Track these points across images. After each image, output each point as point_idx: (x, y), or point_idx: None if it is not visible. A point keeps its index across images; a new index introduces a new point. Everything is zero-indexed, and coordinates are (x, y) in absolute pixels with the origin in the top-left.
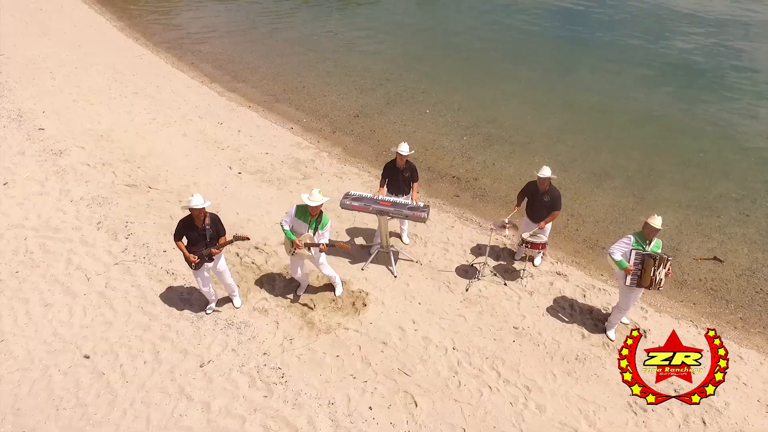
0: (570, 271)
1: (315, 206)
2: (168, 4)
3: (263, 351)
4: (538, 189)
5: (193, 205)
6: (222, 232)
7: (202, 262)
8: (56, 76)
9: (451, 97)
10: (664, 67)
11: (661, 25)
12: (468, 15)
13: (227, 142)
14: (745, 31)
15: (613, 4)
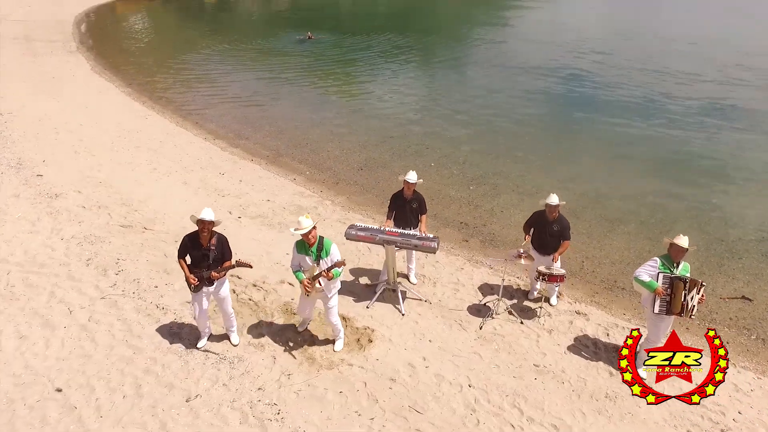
0: (590, 310)
1: (306, 233)
2: (177, 75)
3: (258, 386)
4: (546, 218)
5: (202, 217)
6: (228, 255)
7: (202, 284)
8: (60, 131)
9: (456, 152)
10: (672, 113)
11: (673, 71)
12: (469, 83)
13: (228, 190)
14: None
15: (618, 57)
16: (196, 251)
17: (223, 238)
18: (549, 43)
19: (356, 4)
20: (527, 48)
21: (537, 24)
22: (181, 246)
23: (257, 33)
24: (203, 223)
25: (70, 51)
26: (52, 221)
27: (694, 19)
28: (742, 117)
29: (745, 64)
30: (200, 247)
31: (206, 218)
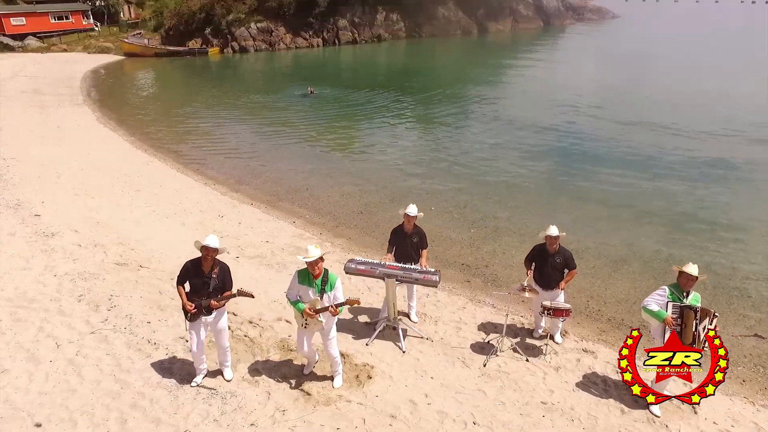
0: (597, 348)
1: (313, 261)
2: (180, 126)
3: (251, 422)
4: (547, 251)
5: (206, 243)
6: (229, 285)
7: (200, 313)
8: (62, 175)
9: (455, 198)
10: (667, 165)
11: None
12: (467, 136)
13: (227, 231)
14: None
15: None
16: (197, 278)
17: (225, 267)
18: (544, 100)
19: (357, 63)
20: (524, 104)
21: (532, 81)
22: (182, 271)
23: (260, 88)
24: (207, 250)
25: (76, 103)
26: (47, 258)
27: (685, 76)
28: (737, 167)
29: (736, 117)
30: (202, 275)
31: (211, 245)
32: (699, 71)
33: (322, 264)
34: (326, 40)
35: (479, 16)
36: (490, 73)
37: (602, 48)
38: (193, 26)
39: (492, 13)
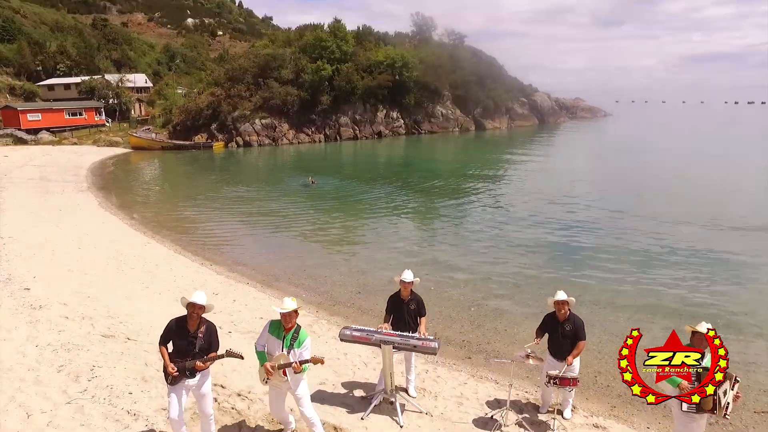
0: (609, 424)
1: (287, 313)
2: (181, 212)
3: None
4: (557, 319)
5: (193, 300)
6: (215, 346)
7: (182, 375)
8: (57, 253)
9: (455, 278)
10: (667, 249)
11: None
12: (466, 223)
13: (220, 307)
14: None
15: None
16: (182, 338)
17: (212, 327)
18: (541, 191)
19: (358, 156)
20: (521, 196)
21: (529, 174)
22: (166, 330)
23: (261, 178)
24: (193, 307)
25: (80, 190)
26: (30, 329)
27: (674, 168)
28: (729, 258)
29: (730, 206)
30: (187, 334)
31: (197, 301)
32: (686, 164)
33: (296, 318)
34: (328, 136)
35: (476, 114)
36: (488, 167)
37: (595, 143)
38: (199, 122)
39: (488, 111)
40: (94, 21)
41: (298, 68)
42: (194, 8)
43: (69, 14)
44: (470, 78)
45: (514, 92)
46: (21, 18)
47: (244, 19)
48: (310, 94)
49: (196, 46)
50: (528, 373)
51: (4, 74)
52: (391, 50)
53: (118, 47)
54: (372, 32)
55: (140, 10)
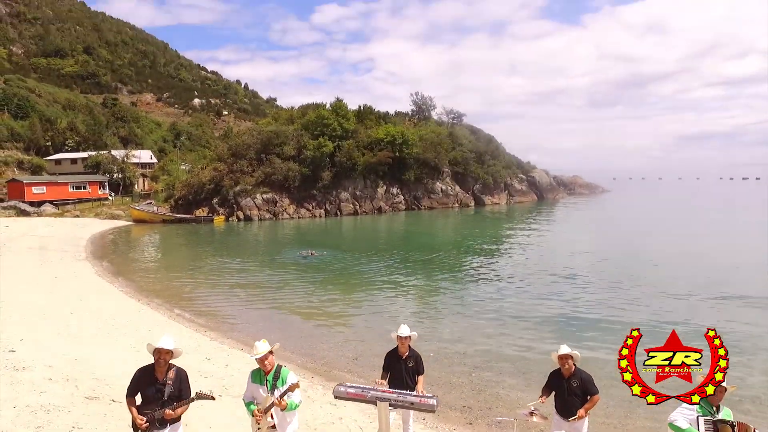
0: None
1: (262, 357)
2: (177, 281)
3: None
4: (562, 375)
5: (159, 345)
6: (186, 393)
7: (152, 426)
8: (48, 316)
9: (455, 345)
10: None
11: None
12: (465, 294)
13: (212, 372)
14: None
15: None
16: (150, 386)
17: (182, 373)
18: (541, 264)
19: (358, 230)
20: (521, 269)
21: (529, 247)
22: (132, 381)
23: (261, 249)
24: (159, 353)
25: (78, 259)
26: (10, 391)
27: (671, 242)
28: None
29: (729, 282)
30: (155, 382)
31: (164, 347)
32: (683, 238)
33: (273, 358)
34: (328, 211)
35: (476, 190)
36: (488, 240)
37: (594, 218)
38: (201, 196)
39: (488, 187)
40: (104, 100)
41: (300, 145)
42: (201, 89)
43: (82, 94)
44: (469, 155)
45: (512, 169)
46: (36, 97)
47: (249, 100)
48: (311, 170)
49: (202, 125)
50: (531, 425)
51: (14, 149)
52: (391, 128)
53: (126, 125)
54: (373, 111)
55: (150, 91)
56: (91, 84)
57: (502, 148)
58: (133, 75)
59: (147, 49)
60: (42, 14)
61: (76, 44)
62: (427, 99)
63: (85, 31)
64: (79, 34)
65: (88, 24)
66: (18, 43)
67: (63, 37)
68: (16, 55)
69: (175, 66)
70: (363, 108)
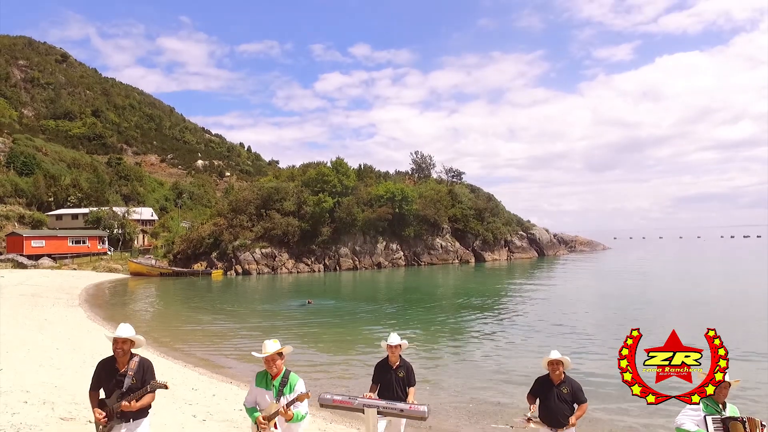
0: None
1: (269, 357)
2: (170, 327)
3: None
4: (551, 382)
5: (117, 335)
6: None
7: (111, 420)
8: (33, 352)
9: (452, 379)
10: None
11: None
12: (467, 348)
13: (197, 400)
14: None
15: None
16: (110, 378)
17: (146, 363)
18: (543, 319)
19: (357, 283)
20: (524, 324)
21: (530, 302)
22: (94, 374)
23: (258, 300)
24: (116, 342)
25: (71, 306)
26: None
27: (680, 286)
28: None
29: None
30: (115, 373)
31: (121, 335)
32: (688, 292)
33: (282, 362)
34: (327, 266)
35: (476, 246)
36: (489, 294)
37: (595, 274)
38: (200, 250)
39: (488, 243)
40: (109, 160)
41: (300, 200)
42: (205, 151)
43: (87, 154)
44: (469, 212)
45: (512, 225)
46: (42, 155)
47: (252, 162)
48: (310, 225)
49: (204, 185)
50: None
51: (16, 204)
52: (391, 185)
53: (129, 183)
54: (373, 170)
55: (154, 152)
56: (97, 145)
57: (501, 205)
58: (138, 137)
59: (153, 112)
60: (54, 79)
61: (85, 107)
62: (427, 158)
63: (94, 95)
64: (88, 98)
65: (97, 88)
66: (29, 106)
67: (73, 100)
68: (27, 117)
69: (180, 129)
70: (363, 167)
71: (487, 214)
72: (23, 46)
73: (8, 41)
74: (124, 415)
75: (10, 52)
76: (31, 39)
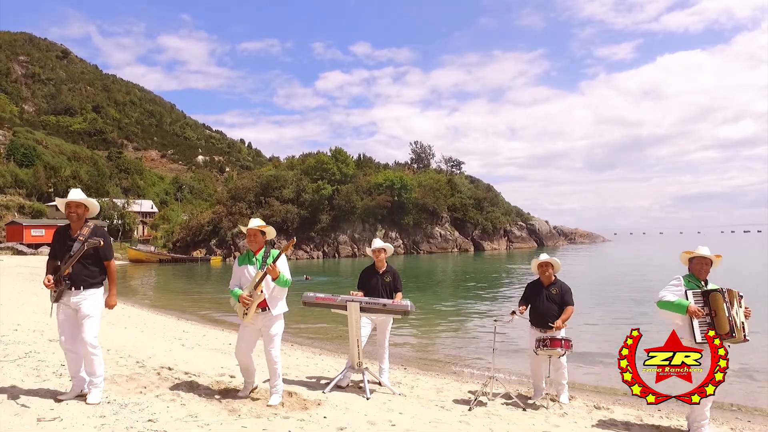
0: (613, 408)
1: (252, 231)
2: (166, 297)
3: (147, 418)
4: (541, 284)
5: (71, 198)
6: (105, 251)
7: (61, 286)
8: (26, 306)
9: (442, 351)
10: None
11: None
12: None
13: (188, 338)
14: None
15: None
16: (63, 244)
17: (99, 229)
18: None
19: (355, 265)
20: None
21: (528, 280)
22: (52, 242)
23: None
24: (70, 206)
25: None
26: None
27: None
28: None
29: None
30: (67, 238)
31: (75, 198)
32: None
33: (264, 239)
34: (326, 253)
35: (475, 236)
36: (490, 273)
37: (595, 258)
38: (199, 237)
39: (487, 233)
40: (109, 154)
41: (299, 188)
42: (206, 147)
43: (88, 149)
44: (468, 201)
45: (512, 216)
46: (42, 148)
47: (252, 158)
48: (309, 213)
49: (204, 180)
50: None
51: (16, 194)
52: (390, 173)
53: (129, 176)
54: (372, 161)
55: (155, 148)
56: (98, 140)
57: (501, 196)
58: (139, 132)
59: (154, 109)
60: (55, 75)
61: (86, 103)
62: (427, 148)
63: (95, 91)
64: (89, 93)
65: (98, 85)
66: (30, 101)
67: (73, 96)
68: (27, 113)
69: (181, 125)
70: (362, 157)
71: (487, 204)
72: (24, 42)
73: (9, 37)
74: (74, 282)
75: (10, 48)
76: (31, 35)
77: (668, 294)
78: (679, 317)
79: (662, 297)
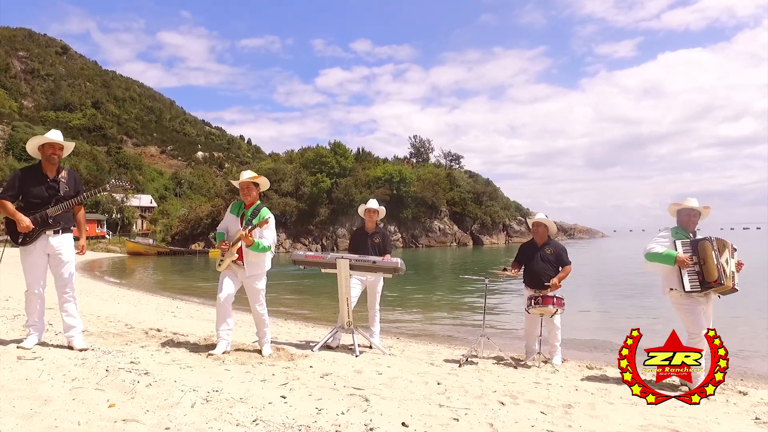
0: (606, 369)
1: (245, 184)
2: (163, 282)
3: (129, 360)
4: (534, 244)
5: (54, 138)
6: (82, 199)
7: (45, 226)
8: (21, 287)
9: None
10: None
11: None
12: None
13: (180, 313)
14: None
15: None
16: (39, 185)
17: (75, 174)
18: None
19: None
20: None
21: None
22: (15, 180)
23: None
24: (53, 147)
25: None
26: None
27: None
28: None
29: None
30: (45, 180)
31: (57, 138)
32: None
33: (257, 193)
34: (325, 246)
35: (474, 230)
36: (488, 268)
37: (595, 251)
38: (198, 230)
39: (486, 227)
40: (108, 149)
41: (298, 181)
42: (205, 143)
43: (87, 144)
44: (467, 195)
45: (511, 210)
46: None
47: (252, 154)
48: (308, 206)
49: (203, 175)
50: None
51: None
52: (389, 166)
53: (129, 171)
54: (371, 155)
55: (154, 144)
56: (98, 136)
57: (500, 191)
58: (138, 128)
59: (153, 105)
60: (55, 71)
61: (85, 99)
62: (426, 142)
63: (94, 87)
64: (88, 89)
65: (98, 81)
66: (29, 97)
67: (73, 92)
68: (27, 108)
69: (180, 121)
70: (361, 151)
71: (486, 198)
72: (23, 37)
73: (8, 33)
74: (55, 223)
75: (10, 44)
76: (31, 31)
77: (656, 246)
78: (669, 269)
79: (650, 249)
